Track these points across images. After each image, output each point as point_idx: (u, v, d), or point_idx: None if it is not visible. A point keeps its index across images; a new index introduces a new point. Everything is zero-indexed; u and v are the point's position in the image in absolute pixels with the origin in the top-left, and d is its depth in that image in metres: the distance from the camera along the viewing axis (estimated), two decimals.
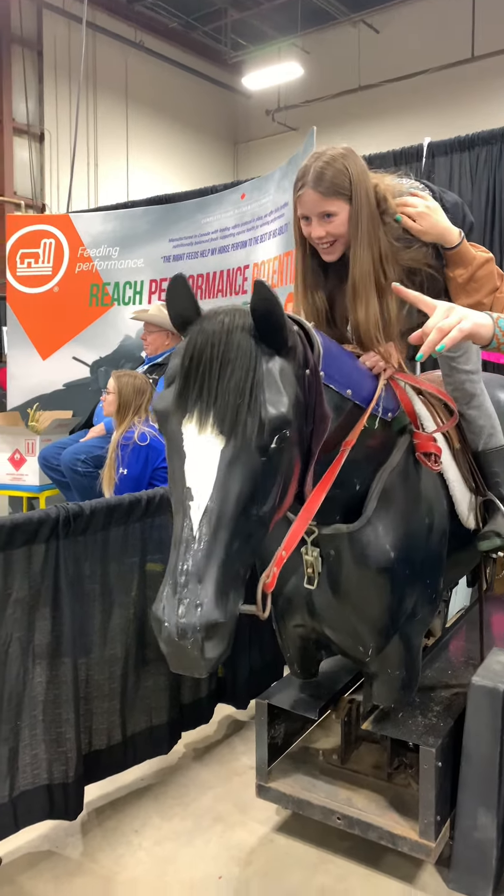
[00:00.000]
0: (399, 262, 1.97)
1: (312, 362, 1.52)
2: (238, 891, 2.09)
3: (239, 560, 1.34)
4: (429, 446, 1.98)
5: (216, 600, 1.26)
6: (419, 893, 2.08)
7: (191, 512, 1.31)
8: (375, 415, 1.83)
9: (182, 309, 1.46)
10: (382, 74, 12.83)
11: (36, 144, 13.78)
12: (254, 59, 13.97)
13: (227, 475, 1.32)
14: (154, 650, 2.51)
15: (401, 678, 2.06)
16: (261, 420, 1.33)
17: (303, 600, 2.02)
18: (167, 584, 1.28)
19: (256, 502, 1.36)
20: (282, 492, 1.45)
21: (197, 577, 1.26)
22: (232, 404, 1.33)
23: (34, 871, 2.18)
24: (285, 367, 1.42)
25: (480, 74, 11.96)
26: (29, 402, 5.58)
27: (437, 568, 2.10)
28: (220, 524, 1.30)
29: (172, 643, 1.26)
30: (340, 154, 1.92)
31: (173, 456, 1.38)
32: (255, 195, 4.75)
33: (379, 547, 1.89)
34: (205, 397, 1.34)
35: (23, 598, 2.13)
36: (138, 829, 2.37)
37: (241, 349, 1.36)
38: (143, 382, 3.64)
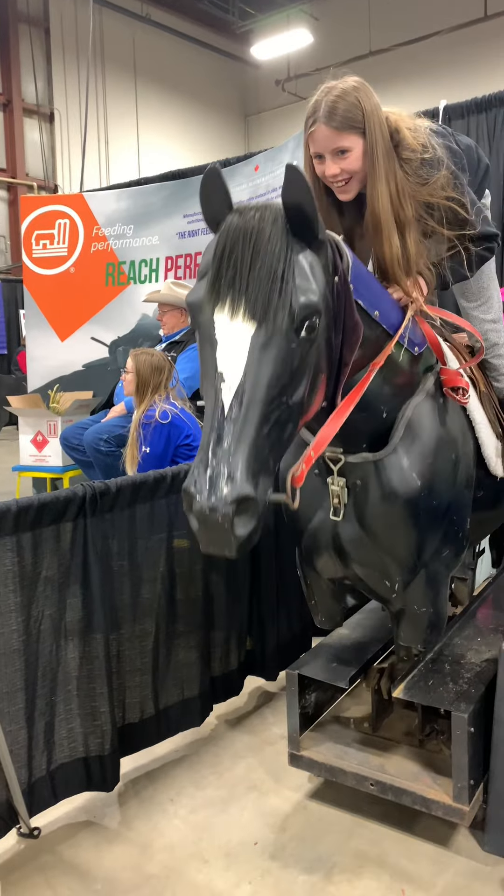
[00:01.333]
0: (416, 197, 1.93)
1: (342, 270, 1.53)
2: (274, 855, 2.13)
3: (268, 446, 1.36)
4: (456, 381, 1.99)
5: (247, 476, 1.28)
6: (454, 856, 2.10)
7: (223, 394, 1.35)
8: (402, 345, 1.83)
9: (216, 204, 1.48)
10: (394, 38, 12.57)
11: (46, 125, 13.71)
12: (262, 28, 13.73)
13: (259, 359, 1.36)
14: (184, 624, 2.54)
15: (427, 616, 2.05)
16: (291, 307, 1.37)
17: (329, 535, 2.01)
18: (199, 460, 1.31)
19: (287, 389, 1.39)
20: (310, 387, 1.47)
21: (228, 454, 1.29)
22: (263, 291, 1.36)
23: (74, 841, 2.23)
24: (315, 260, 1.45)
25: (495, 33, 11.66)
26: (49, 383, 5.62)
27: (463, 506, 2.07)
28: (252, 405, 1.33)
29: (203, 516, 1.28)
30: (352, 87, 1.87)
31: (205, 344, 1.42)
32: (269, 166, 4.69)
33: (405, 476, 1.88)
34: (237, 285, 1.37)
35: (52, 576, 2.16)
36: (173, 797, 2.42)
37: (273, 239, 1.39)
38: (161, 360, 3.63)
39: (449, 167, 1.94)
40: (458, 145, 2.08)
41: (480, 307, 2.33)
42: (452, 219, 1.98)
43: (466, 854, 2.10)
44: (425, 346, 1.97)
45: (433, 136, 1.98)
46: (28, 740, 2.12)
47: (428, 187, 1.93)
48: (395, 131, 1.92)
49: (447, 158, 1.95)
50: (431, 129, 2.00)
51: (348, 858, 2.10)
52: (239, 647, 2.82)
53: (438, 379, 2.01)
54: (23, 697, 2.09)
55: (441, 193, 1.94)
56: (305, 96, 1.82)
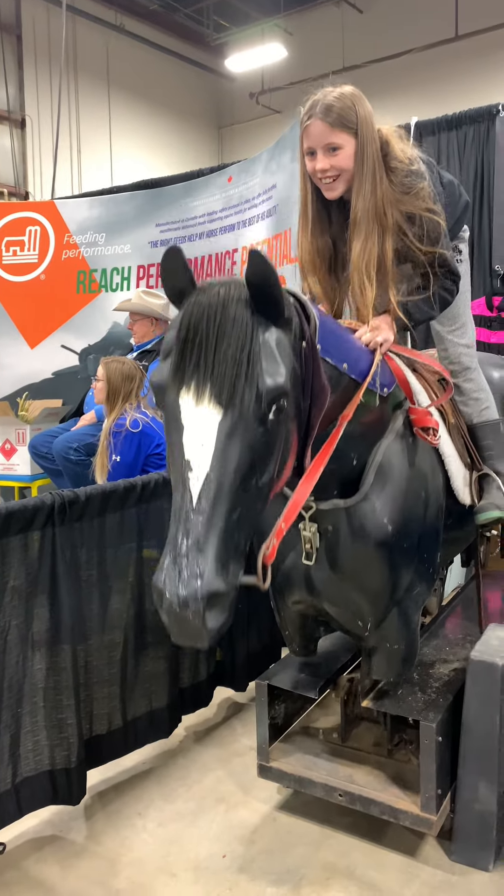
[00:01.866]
0: (399, 206, 1.98)
1: (309, 335, 1.51)
2: (242, 868, 2.11)
3: (238, 531, 1.34)
4: (426, 421, 1.99)
5: (217, 570, 1.26)
6: (421, 866, 2.10)
7: (190, 483, 1.31)
8: (372, 390, 1.83)
9: (177, 281, 1.46)
10: (367, 55, 12.74)
11: (17, 131, 13.61)
12: (237, 41, 13.82)
13: (226, 446, 1.32)
14: (152, 634, 2.52)
15: (400, 652, 2.07)
16: (258, 390, 1.33)
17: (301, 576, 2.02)
18: (168, 554, 1.28)
19: (255, 473, 1.37)
20: (280, 463, 1.45)
21: (197, 548, 1.26)
22: (229, 375, 1.32)
23: (39, 856, 2.19)
24: (282, 338, 1.42)
25: (465, 53, 11.91)
26: (18, 391, 5.55)
27: (434, 542, 2.11)
28: (220, 495, 1.30)
29: (174, 613, 1.27)
30: (350, 92, 1.97)
31: (171, 429, 1.38)
32: (242, 178, 4.72)
33: (376, 521, 1.90)
34: (202, 369, 1.33)
35: (20, 586, 2.13)
36: (142, 811, 2.39)
37: (238, 320, 1.35)
38: (132, 368, 3.61)
39: (430, 182, 2.01)
40: (441, 180, 2.15)
41: (455, 332, 2.37)
42: (431, 232, 2.02)
43: (434, 864, 2.11)
44: (394, 385, 1.98)
45: (420, 160, 2.04)
46: None
47: (411, 196, 1.98)
48: (385, 142, 1.99)
49: (429, 178, 2.01)
50: (420, 157, 2.06)
51: (317, 870, 2.10)
52: (208, 657, 2.81)
53: (407, 417, 2.00)
54: None
55: (422, 205, 1.99)
56: (279, 109, 1.86)
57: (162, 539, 2.53)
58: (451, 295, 2.14)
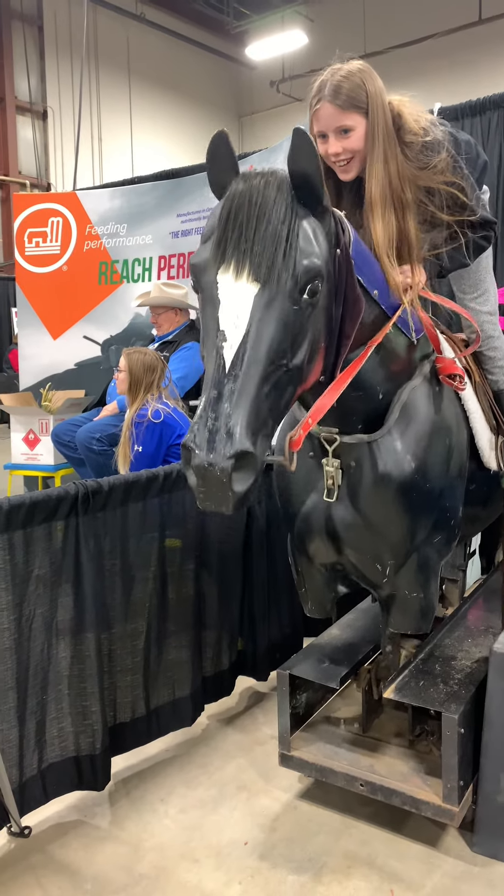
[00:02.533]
0: (416, 181, 1.95)
1: (344, 242, 1.54)
2: (263, 855, 2.13)
3: (267, 407, 1.37)
4: (453, 368, 2.00)
5: (246, 432, 1.30)
6: (443, 856, 2.11)
7: (224, 352, 1.36)
8: (400, 328, 1.85)
9: (222, 169, 1.50)
10: (389, 40, 12.60)
11: (39, 122, 13.67)
12: (257, 28, 13.74)
13: (261, 319, 1.37)
14: (175, 623, 2.54)
15: (418, 601, 2.06)
16: (294, 269, 1.39)
17: (322, 518, 2.01)
18: (199, 417, 1.32)
19: (287, 351, 1.41)
20: (310, 351, 1.48)
21: (228, 410, 1.30)
22: (268, 253, 1.38)
23: (64, 840, 2.23)
24: (318, 227, 1.47)
25: (489, 37, 11.72)
26: (41, 382, 5.60)
27: (456, 494, 2.08)
28: (252, 363, 1.35)
29: (201, 471, 1.29)
30: (358, 69, 1.92)
31: (207, 305, 1.43)
32: (264, 166, 4.69)
33: (399, 458, 1.90)
34: (241, 247, 1.39)
35: (44, 575, 2.15)
36: (164, 797, 2.41)
37: (278, 203, 1.41)
38: (154, 359, 3.63)
39: (449, 150, 1.96)
40: (458, 140, 2.10)
41: (477, 299, 2.35)
42: (452, 204, 2.00)
43: (455, 855, 2.11)
44: (422, 334, 1.98)
45: (436, 124, 2.00)
46: (19, 739, 2.11)
47: (428, 171, 1.94)
48: (397, 115, 1.94)
49: (448, 143, 1.97)
50: (433, 121, 2.02)
51: (338, 859, 2.11)
52: (230, 647, 2.82)
53: (434, 367, 2.02)
54: (14, 696, 2.08)
55: (441, 178, 1.95)
56: (300, 97, 1.85)
57: (184, 528, 2.56)
58: (488, 241, 2.12)
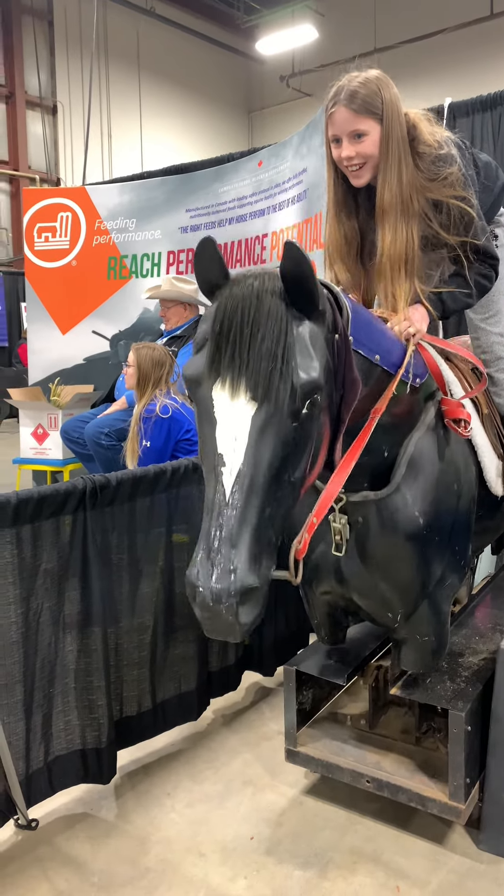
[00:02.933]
0: (425, 193, 1.95)
1: (342, 326, 1.50)
2: (269, 850, 2.13)
3: (271, 526, 1.34)
4: (458, 412, 1.96)
5: (250, 565, 1.27)
6: (449, 853, 2.10)
7: (223, 478, 1.31)
8: (405, 381, 1.81)
9: (210, 273, 1.45)
10: (399, 35, 12.54)
11: (49, 117, 13.68)
12: (267, 23, 13.69)
13: (260, 441, 1.32)
14: (182, 618, 2.54)
15: (430, 644, 2.07)
16: (293, 385, 1.33)
17: (331, 567, 2.02)
18: (200, 548, 1.29)
19: (288, 468, 1.36)
20: (312, 458, 1.44)
21: (230, 542, 1.27)
22: (264, 370, 1.32)
23: (70, 833, 2.24)
24: (316, 331, 1.40)
25: (501, 31, 11.64)
26: (50, 377, 5.61)
27: (465, 534, 2.09)
28: (253, 489, 1.30)
29: (207, 608, 1.27)
30: (375, 77, 1.93)
31: (204, 422, 1.38)
32: (272, 162, 4.68)
33: (407, 514, 1.89)
34: (237, 363, 1.33)
35: (52, 569, 2.16)
36: (170, 791, 2.42)
37: (272, 314, 1.34)
38: (163, 354, 3.63)
39: (461, 168, 1.95)
40: (476, 161, 2.10)
41: (489, 319, 2.33)
42: (458, 222, 1.98)
43: (461, 852, 2.11)
44: (426, 376, 1.95)
45: (451, 142, 1.99)
46: (26, 732, 2.12)
47: (438, 183, 1.93)
48: (412, 126, 1.95)
49: (459, 160, 1.96)
50: (451, 139, 2.01)
51: (343, 855, 2.11)
52: (237, 642, 2.82)
53: (439, 408, 1.98)
54: (21, 689, 2.09)
55: (450, 191, 1.95)
56: (310, 92, 1.85)
57: (191, 524, 2.57)
58: (489, 281, 2.08)
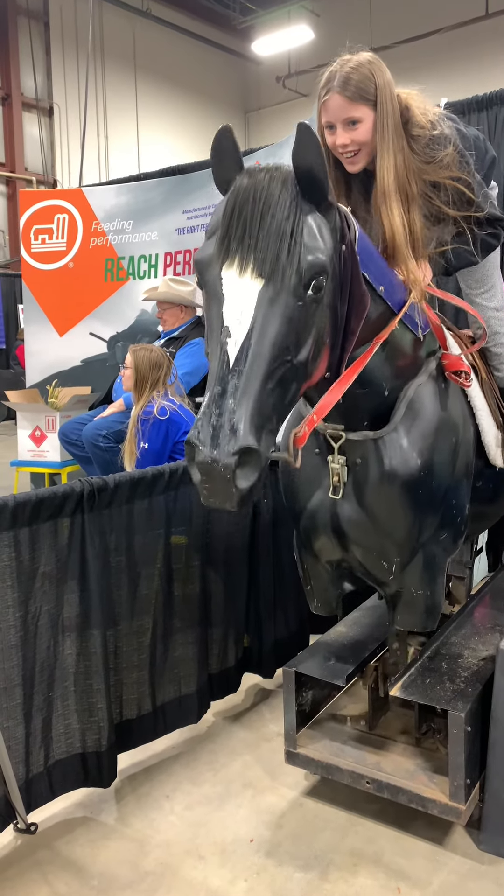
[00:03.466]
0: (422, 175, 1.95)
1: (349, 239, 1.53)
2: (269, 853, 2.13)
3: (272, 403, 1.36)
4: (459, 365, 1.99)
5: (250, 428, 1.29)
6: (449, 854, 2.10)
7: (228, 347, 1.35)
8: (406, 325, 1.84)
9: (226, 164, 1.50)
10: (395, 35, 12.54)
11: (45, 119, 13.66)
12: (263, 23, 13.69)
13: (266, 315, 1.36)
14: (181, 620, 2.54)
15: (424, 599, 2.05)
16: (299, 265, 1.38)
17: (328, 515, 2.00)
18: (203, 413, 1.31)
19: (291, 347, 1.40)
20: (315, 348, 1.47)
21: (232, 407, 1.29)
22: (272, 248, 1.37)
23: (70, 836, 2.23)
24: (323, 221, 1.46)
25: (496, 31, 11.65)
26: (47, 378, 5.61)
27: (462, 491, 2.07)
28: (257, 359, 1.34)
29: (205, 467, 1.28)
30: (367, 60, 1.92)
31: (211, 301, 1.42)
32: (269, 162, 4.67)
33: (405, 454, 1.89)
34: (246, 243, 1.38)
35: (50, 572, 2.16)
36: (170, 794, 2.42)
37: (283, 198, 1.40)
38: (160, 356, 3.63)
39: (456, 146, 1.95)
40: (466, 135, 2.09)
41: (484, 294, 2.34)
42: (458, 199, 1.99)
43: (462, 853, 2.11)
44: (428, 330, 1.97)
45: (443, 118, 1.98)
46: (25, 736, 2.11)
47: (434, 165, 1.94)
48: (405, 108, 1.95)
49: (456, 138, 1.96)
50: (444, 116, 2.01)
51: (344, 856, 2.11)
52: (236, 644, 2.82)
53: (440, 364, 2.01)
54: (20, 693, 2.09)
55: (447, 173, 1.95)
56: (306, 93, 1.85)
57: (190, 525, 2.56)
58: (496, 240, 2.10)
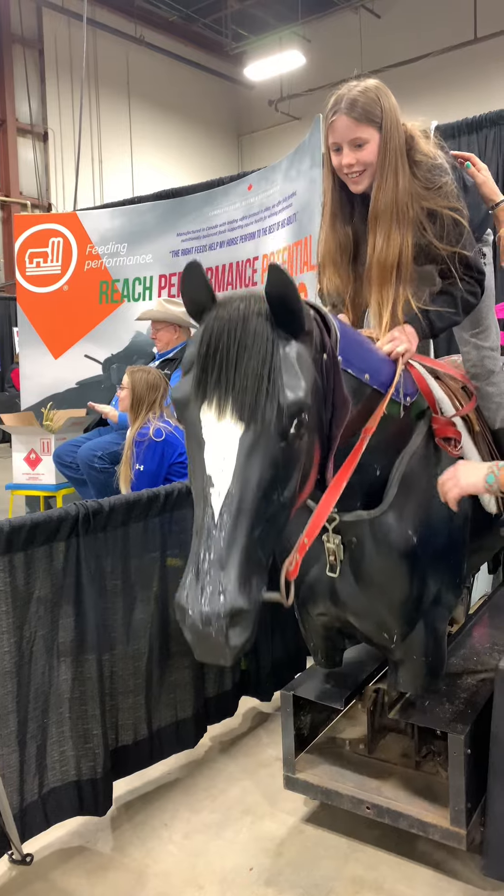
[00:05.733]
0: (421, 200, 1.97)
1: (329, 346, 1.51)
2: (269, 881, 2.09)
3: (261, 547, 1.33)
4: (448, 431, 1.97)
5: (240, 587, 1.25)
6: (452, 880, 2.07)
7: (212, 499, 1.30)
8: (396, 401, 1.82)
9: (197, 296, 1.45)
10: (385, 59, 12.72)
11: (40, 144, 13.79)
12: (255, 49, 13.90)
13: (248, 461, 1.31)
14: (177, 644, 2.51)
15: (426, 664, 2.05)
16: (279, 405, 1.32)
17: (326, 588, 2.01)
18: (190, 571, 1.27)
19: (277, 488, 1.35)
20: (302, 478, 1.44)
21: (220, 564, 1.25)
22: (250, 390, 1.32)
23: (66, 867, 2.19)
24: (302, 351, 1.41)
25: (484, 55, 11.85)
26: (42, 401, 5.61)
27: (459, 553, 2.08)
28: (242, 510, 1.29)
29: (197, 631, 1.25)
30: (374, 85, 1.97)
31: (192, 444, 1.38)
32: (262, 185, 4.72)
33: (401, 532, 1.88)
34: (223, 384, 1.33)
35: (45, 596, 2.14)
36: (168, 822, 2.38)
37: (258, 335, 1.35)
38: (157, 378, 3.63)
39: (454, 179, 1.99)
40: (465, 183, 2.13)
41: (478, 335, 2.34)
42: (451, 231, 2.00)
43: (465, 879, 2.07)
44: (417, 394, 1.96)
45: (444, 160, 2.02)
46: (20, 764, 2.08)
47: (433, 192, 1.96)
48: (409, 137, 1.99)
49: (452, 178, 1.99)
50: (444, 158, 2.05)
51: (345, 884, 2.07)
52: (233, 667, 2.79)
53: (430, 427, 1.99)
54: (14, 720, 2.06)
55: (444, 202, 1.97)
56: (298, 116, 1.88)
57: (186, 548, 2.54)
58: (475, 298, 2.10)
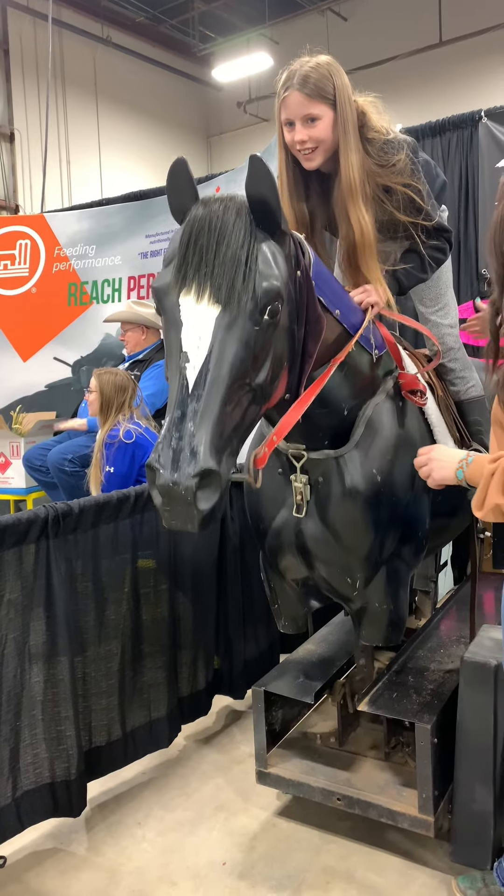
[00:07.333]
0: (376, 178, 2.01)
1: (304, 265, 1.59)
2: (242, 875, 2.12)
3: (232, 425, 1.40)
4: (415, 384, 2.05)
5: (210, 451, 1.32)
6: (421, 867, 2.12)
7: (187, 372, 1.39)
8: (366, 349, 1.89)
9: (182, 195, 1.54)
10: (352, 62, 12.76)
11: (6, 144, 13.64)
12: (223, 50, 13.89)
13: (223, 339, 1.40)
14: (150, 644, 2.53)
15: (388, 613, 2.09)
16: (254, 289, 1.42)
17: (292, 533, 2.04)
18: (163, 437, 1.34)
19: (249, 370, 1.44)
20: (273, 371, 1.51)
21: (192, 430, 1.33)
22: (228, 275, 1.41)
23: (40, 869, 2.20)
24: (277, 250, 1.51)
25: (449, 59, 11.99)
26: (11, 404, 5.57)
27: (422, 506, 2.12)
28: (215, 382, 1.37)
29: (166, 490, 1.31)
30: (326, 62, 1.99)
31: (170, 328, 1.46)
32: (230, 187, 4.74)
33: (365, 471, 1.94)
34: (202, 270, 1.42)
35: (15, 599, 2.14)
36: (141, 821, 2.39)
37: (237, 227, 1.45)
38: (125, 379, 3.63)
39: (408, 154, 2.02)
40: (419, 159, 2.16)
41: (438, 312, 2.41)
42: (409, 206, 2.05)
43: (433, 865, 2.12)
44: (384, 350, 2.03)
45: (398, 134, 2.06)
46: None
47: (387, 169, 2.01)
48: (361, 113, 2.01)
49: (408, 147, 2.02)
50: (396, 129, 2.09)
51: (317, 875, 2.11)
52: (206, 666, 2.82)
53: (397, 383, 2.07)
54: None
55: (399, 179, 2.02)
56: (267, 118, 1.92)
57: (156, 549, 2.57)
58: (443, 254, 2.17)
